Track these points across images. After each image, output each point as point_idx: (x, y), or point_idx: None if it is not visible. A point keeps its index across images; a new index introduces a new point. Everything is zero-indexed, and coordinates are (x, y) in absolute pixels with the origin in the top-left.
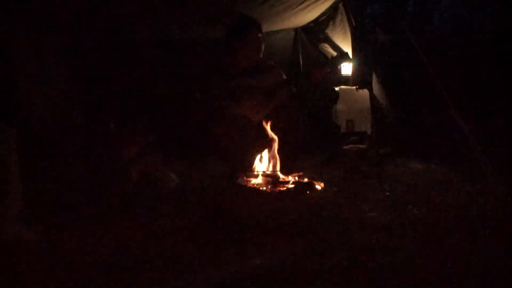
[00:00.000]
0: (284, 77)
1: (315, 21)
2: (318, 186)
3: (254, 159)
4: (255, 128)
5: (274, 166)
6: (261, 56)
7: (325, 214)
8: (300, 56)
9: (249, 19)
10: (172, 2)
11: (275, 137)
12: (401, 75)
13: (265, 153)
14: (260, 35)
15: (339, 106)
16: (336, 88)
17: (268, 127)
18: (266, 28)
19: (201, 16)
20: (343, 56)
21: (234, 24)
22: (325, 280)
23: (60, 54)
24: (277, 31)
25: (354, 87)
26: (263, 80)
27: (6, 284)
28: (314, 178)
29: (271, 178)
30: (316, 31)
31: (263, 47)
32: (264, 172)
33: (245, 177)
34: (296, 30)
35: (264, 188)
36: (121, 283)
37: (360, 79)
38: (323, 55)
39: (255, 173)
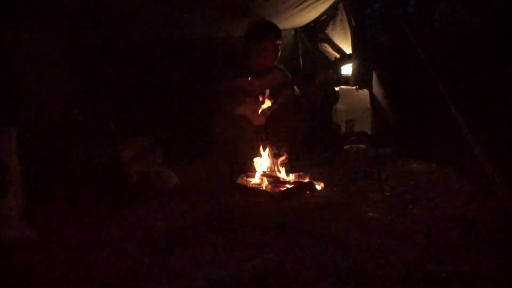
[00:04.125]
0: (288, 77)
1: (315, 21)
2: (318, 186)
3: (254, 159)
4: (256, 128)
5: (275, 166)
6: (276, 62)
7: (325, 214)
8: (300, 56)
9: (270, 24)
10: (172, 2)
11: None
12: (401, 75)
13: (265, 153)
14: (278, 41)
15: (339, 106)
16: (336, 88)
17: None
18: None
19: (201, 16)
20: (346, 58)
21: (255, 26)
22: (325, 280)
23: (61, 55)
24: None
25: (354, 87)
26: (268, 80)
27: (6, 283)
28: (314, 178)
29: (272, 178)
30: (316, 31)
31: (279, 54)
32: (264, 172)
33: (245, 177)
34: (296, 30)
35: (264, 188)
36: (121, 283)
37: (360, 79)
38: (323, 55)
39: (255, 173)
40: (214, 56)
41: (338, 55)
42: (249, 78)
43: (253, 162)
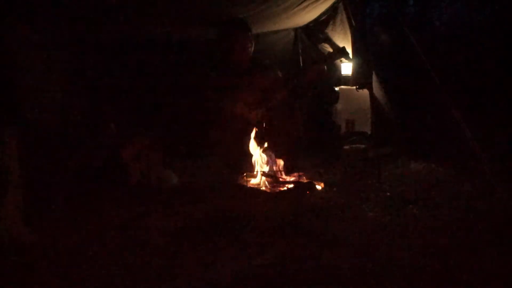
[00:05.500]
0: (280, 75)
1: (315, 21)
2: (318, 186)
3: (253, 158)
4: (253, 127)
5: (274, 166)
6: (250, 55)
7: (325, 214)
8: (300, 56)
9: (237, 19)
10: (170, 4)
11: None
12: (401, 75)
13: (265, 152)
14: (247, 34)
15: (339, 106)
16: (336, 88)
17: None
18: (266, 28)
19: (201, 17)
20: (339, 51)
21: (222, 26)
22: (324, 281)
23: (61, 55)
24: (277, 31)
25: (354, 87)
26: (260, 79)
27: (7, 284)
28: (314, 178)
29: (271, 178)
30: (316, 31)
31: (251, 46)
32: (264, 172)
33: (245, 177)
34: (296, 30)
35: (264, 188)
36: (121, 283)
37: (360, 79)
38: (322, 54)
39: (255, 173)
40: (211, 57)
41: None
42: (245, 78)
43: (252, 162)
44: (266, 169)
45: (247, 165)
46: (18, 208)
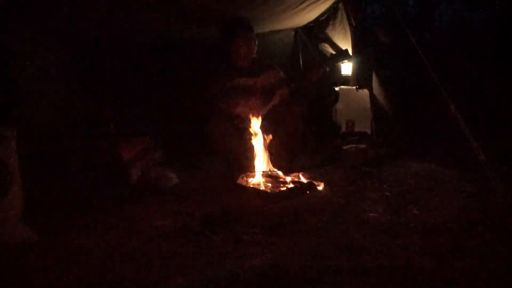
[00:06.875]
0: (283, 75)
1: (315, 21)
2: (318, 186)
3: (253, 158)
4: (255, 127)
5: (274, 166)
6: (254, 55)
7: (325, 214)
8: (300, 56)
9: (238, 19)
10: (171, 4)
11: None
12: (401, 75)
13: (264, 152)
14: (250, 34)
15: (339, 106)
16: (336, 88)
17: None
18: (266, 28)
19: (201, 17)
20: (342, 53)
21: (224, 25)
22: (325, 280)
23: (60, 55)
24: (277, 31)
25: (354, 87)
26: (261, 79)
27: (7, 284)
28: (314, 178)
29: (272, 178)
30: (316, 31)
31: (255, 46)
32: (264, 172)
33: (245, 177)
34: (296, 30)
35: (264, 188)
36: (121, 283)
37: (360, 79)
38: (323, 55)
39: (255, 173)
40: (211, 57)
41: None
42: (248, 77)
43: (252, 162)
44: (266, 168)
45: (247, 165)
46: (18, 208)
